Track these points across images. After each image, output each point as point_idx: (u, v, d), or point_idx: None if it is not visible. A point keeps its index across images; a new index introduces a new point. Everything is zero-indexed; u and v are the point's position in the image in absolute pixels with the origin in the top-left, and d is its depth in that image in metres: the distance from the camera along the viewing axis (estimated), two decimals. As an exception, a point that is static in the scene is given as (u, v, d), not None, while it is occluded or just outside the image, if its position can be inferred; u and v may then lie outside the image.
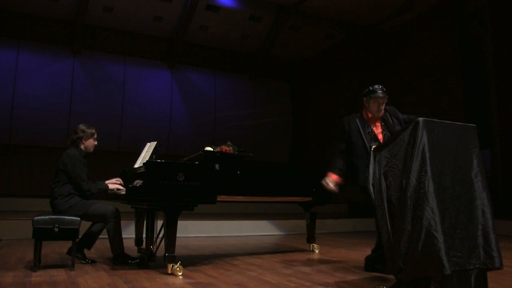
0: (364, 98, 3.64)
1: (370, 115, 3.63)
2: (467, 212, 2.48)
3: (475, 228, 2.47)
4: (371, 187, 2.67)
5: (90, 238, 3.98)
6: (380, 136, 3.59)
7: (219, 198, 3.87)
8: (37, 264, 3.53)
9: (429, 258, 2.29)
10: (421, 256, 2.31)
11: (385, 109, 3.65)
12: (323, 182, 3.70)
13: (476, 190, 2.53)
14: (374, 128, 3.63)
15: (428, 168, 2.38)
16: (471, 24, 9.32)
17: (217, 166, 3.87)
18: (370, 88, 3.60)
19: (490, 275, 2.62)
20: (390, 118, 3.65)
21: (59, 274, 3.40)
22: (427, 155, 2.41)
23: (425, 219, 2.32)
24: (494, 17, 8.82)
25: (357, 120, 3.66)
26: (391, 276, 2.96)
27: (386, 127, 3.63)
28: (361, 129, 3.60)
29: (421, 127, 2.46)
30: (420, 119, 2.51)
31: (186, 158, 4.29)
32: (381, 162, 2.64)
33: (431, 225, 2.30)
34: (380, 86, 3.58)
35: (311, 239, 5.11)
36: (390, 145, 2.63)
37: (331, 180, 3.68)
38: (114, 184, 3.94)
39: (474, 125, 2.69)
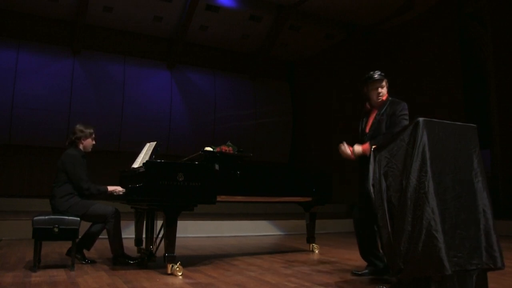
0: (364, 88, 3.51)
1: (368, 106, 3.53)
2: (468, 212, 2.47)
3: (476, 229, 2.47)
4: (371, 187, 2.66)
5: (90, 239, 3.98)
6: (367, 127, 3.48)
7: (219, 198, 3.87)
8: (37, 264, 3.53)
9: (429, 258, 2.28)
10: (421, 256, 2.31)
11: (391, 100, 3.43)
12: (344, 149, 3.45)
13: (476, 190, 2.53)
14: (369, 117, 3.53)
15: (428, 168, 2.38)
16: (471, 24, 9.32)
17: (217, 166, 3.87)
18: (366, 75, 3.48)
19: (490, 275, 2.62)
20: (388, 108, 3.40)
21: (59, 274, 3.40)
22: (427, 155, 2.40)
23: (425, 219, 2.31)
24: (494, 17, 8.82)
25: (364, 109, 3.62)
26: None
27: (379, 115, 3.41)
28: (362, 118, 3.58)
29: (421, 127, 2.45)
30: (420, 119, 2.50)
31: (186, 158, 4.29)
32: (381, 162, 2.64)
33: (431, 225, 2.30)
34: (378, 72, 3.47)
35: (311, 239, 5.11)
36: (390, 145, 2.63)
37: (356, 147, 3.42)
38: (113, 187, 3.92)
39: (474, 125, 2.69)
